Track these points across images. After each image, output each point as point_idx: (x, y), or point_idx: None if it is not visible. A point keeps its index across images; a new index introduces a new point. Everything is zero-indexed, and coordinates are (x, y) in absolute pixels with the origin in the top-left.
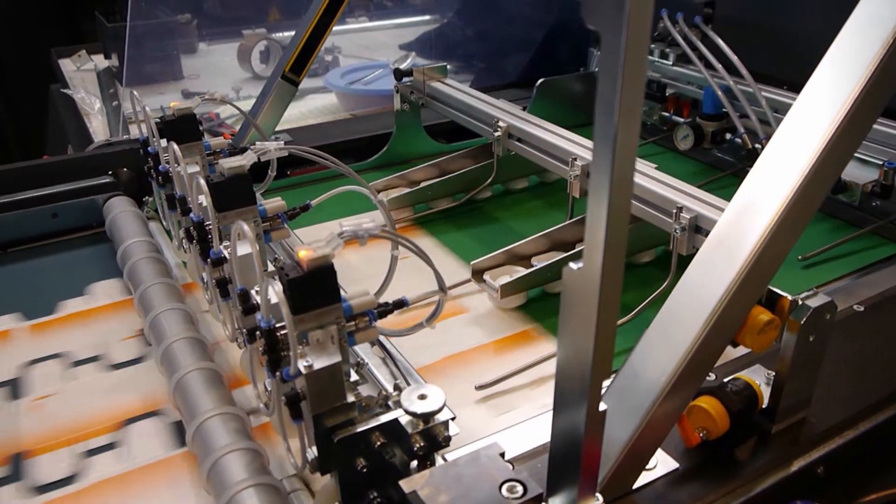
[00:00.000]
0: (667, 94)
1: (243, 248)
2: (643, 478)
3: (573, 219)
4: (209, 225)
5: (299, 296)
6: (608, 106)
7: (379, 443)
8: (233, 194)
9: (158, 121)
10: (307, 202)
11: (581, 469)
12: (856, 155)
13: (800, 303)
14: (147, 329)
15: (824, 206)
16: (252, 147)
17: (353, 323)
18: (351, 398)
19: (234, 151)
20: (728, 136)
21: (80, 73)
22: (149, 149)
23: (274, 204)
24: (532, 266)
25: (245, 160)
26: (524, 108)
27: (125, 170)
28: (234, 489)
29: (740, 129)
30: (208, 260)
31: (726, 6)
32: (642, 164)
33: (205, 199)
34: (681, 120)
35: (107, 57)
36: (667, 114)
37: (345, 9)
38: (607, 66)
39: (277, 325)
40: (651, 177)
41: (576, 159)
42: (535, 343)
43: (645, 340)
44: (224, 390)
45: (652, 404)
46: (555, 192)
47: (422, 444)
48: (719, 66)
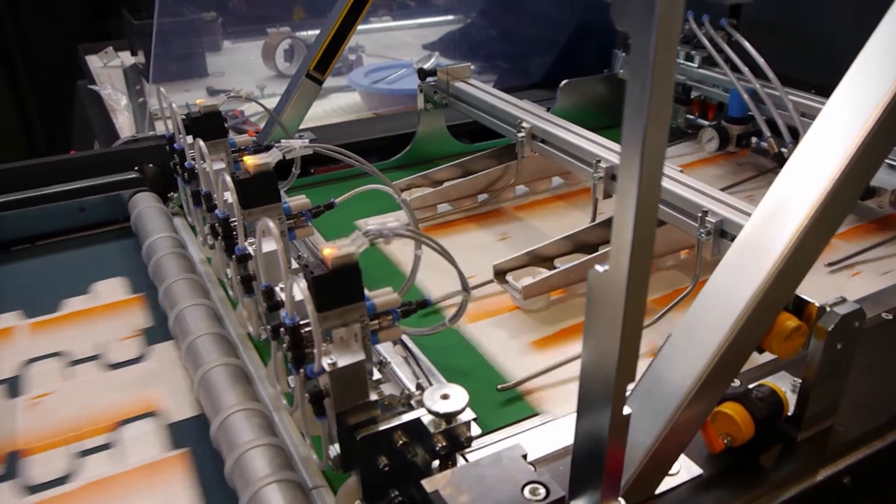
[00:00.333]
0: (692, 97)
1: (268, 245)
2: (666, 483)
3: (597, 221)
4: (234, 221)
5: (324, 293)
6: (637, 107)
7: (401, 442)
8: (258, 191)
9: (184, 117)
10: (331, 200)
11: (604, 473)
12: (886, 160)
13: (828, 310)
14: (172, 324)
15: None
16: (277, 145)
17: (376, 321)
18: (374, 396)
19: (259, 149)
20: (754, 139)
21: (107, 70)
22: (175, 145)
23: (298, 201)
24: (555, 268)
25: (270, 158)
26: (548, 110)
27: (151, 166)
28: (258, 485)
29: (766, 132)
30: (233, 256)
31: (753, 8)
32: (667, 166)
33: (231, 196)
34: (706, 123)
35: (133, 54)
36: (692, 116)
37: (368, 8)
38: (636, 67)
39: (302, 322)
40: (676, 180)
41: (600, 161)
42: (557, 345)
43: (670, 344)
44: (247, 386)
45: (676, 409)
46: (578, 193)
47: (444, 443)
48: (745, 69)
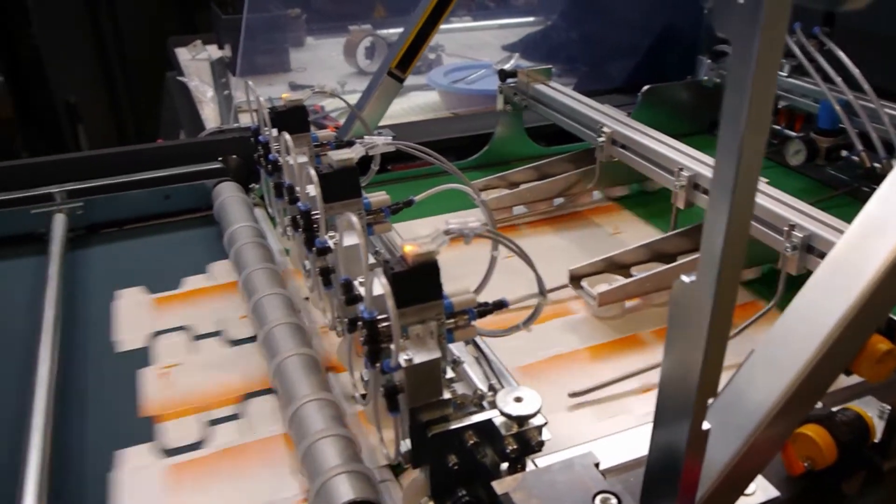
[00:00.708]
0: (779, 107)
1: (350, 239)
2: (741, 503)
3: (676, 230)
4: (316, 214)
5: (403, 290)
6: (734, 117)
7: (471, 441)
8: (340, 186)
9: (270, 111)
10: (410, 198)
11: (679, 488)
12: None
13: None
14: (250, 312)
15: None
16: (360, 141)
17: (452, 320)
18: (447, 395)
19: (341, 144)
20: (844, 153)
21: (195, 63)
22: (259, 138)
23: (378, 198)
24: (631, 276)
25: (353, 153)
26: (628, 115)
27: (234, 157)
28: (328, 474)
29: (858, 146)
30: (313, 249)
31: (849, 17)
32: None
33: (313, 190)
34: (793, 134)
35: (220, 47)
36: (778, 127)
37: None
38: (736, 75)
39: (379, 317)
40: (762, 191)
41: (682, 169)
42: (631, 354)
43: (753, 361)
44: (321, 376)
45: (756, 427)
46: (656, 201)
47: (514, 446)
48: (838, 80)
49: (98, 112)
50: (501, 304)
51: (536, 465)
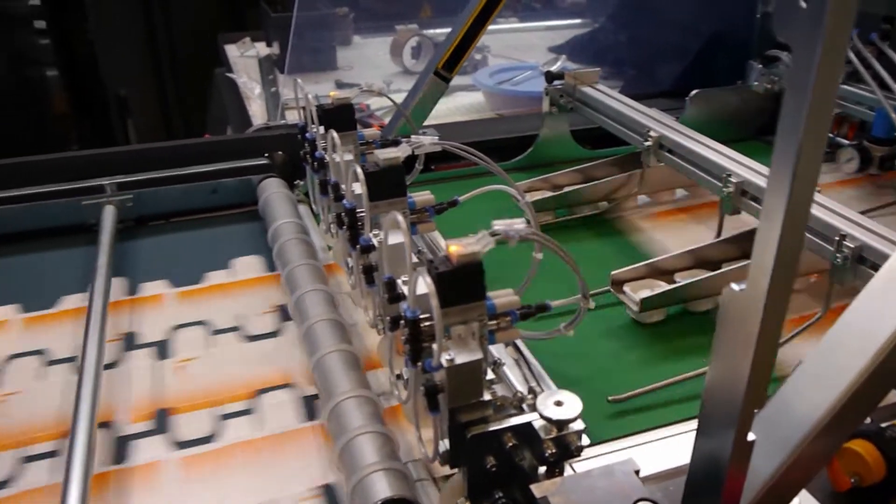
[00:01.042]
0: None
1: (395, 238)
2: None
3: (722, 237)
4: (361, 212)
5: (447, 290)
6: (793, 124)
7: (510, 444)
8: (386, 185)
9: (317, 108)
10: (454, 198)
11: (721, 499)
12: None
13: None
14: (292, 307)
15: None
16: (407, 140)
17: (495, 322)
18: (487, 396)
19: (386, 143)
20: None
21: (243, 59)
22: (306, 135)
23: (423, 197)
24: (674, 282)
25: (400, 152)
26: (675, 119)
27: (280, 153)
28: (365, 471)
29: None
30: (357, 246)
31: None
32: None
33: (359, 187)
34: (845, 142)
35: (268, 45)
36: (830, 135)
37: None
38: (796, 81)
39: (422, 317)
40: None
41: (730, 175)
42: (672, 361)
43: (800, 372)
44: (360, 373)
45: (802, 440)
46: (702, 207)
47: (553, 450)
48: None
49: (147, 106)
50: (544, 308)
51: (574, 470)
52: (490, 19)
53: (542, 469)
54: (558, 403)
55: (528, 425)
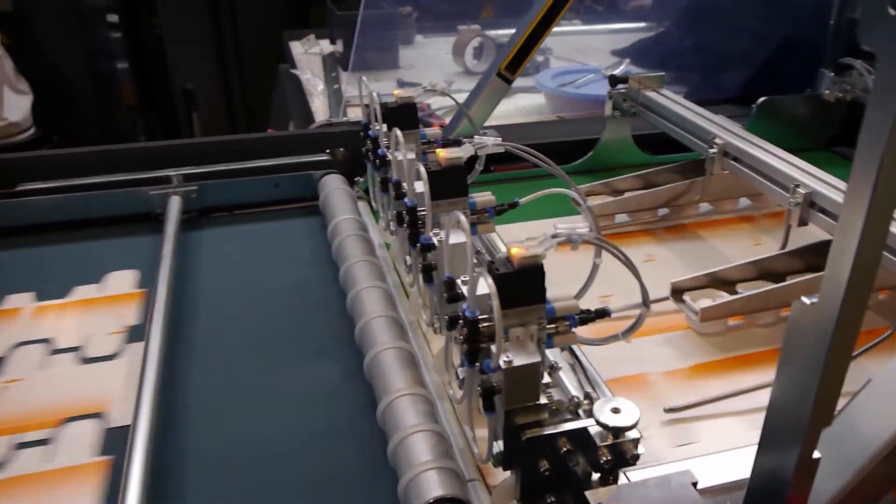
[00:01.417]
0: None
1: (456, 238)
2: None
3: (787, 249)
4: (422, 211)
5: (507, 291)
6: (875, 134)
7: (565, 448)
8: (447, 184)
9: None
10: (515, 199)
11: None
12: None
13: None
14: (349, 303)
15: None
16: (469, 140)
17: (553, 325)
18: (543, 399)
19: (447, 142)
20: None
21: (307, 56)
22: (369, 132)
23: (484, 198)
24: (736, 293)
25: (463, 152)
26: (741, 127)
27: (341, 150)
28: (419, 469)
29: None
30: (417, 245)
31: None
32: None
33: (422, 186)
34: None
35: (332, 42)
36: None
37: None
38: (882, 91)
39: (481, 317)
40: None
41: (798, 186)
42: (731, 373)
43: (869, 390)
44: (416, 371)
45: (869, 461)
46: (766, 217)
47: (608, 457)
48: None
49: (212, 100)
50: (604, 313)
51: (628, 479)
52: (555, 22)
53: (596, 476)
54: (615, 410)
55: (584, 431)
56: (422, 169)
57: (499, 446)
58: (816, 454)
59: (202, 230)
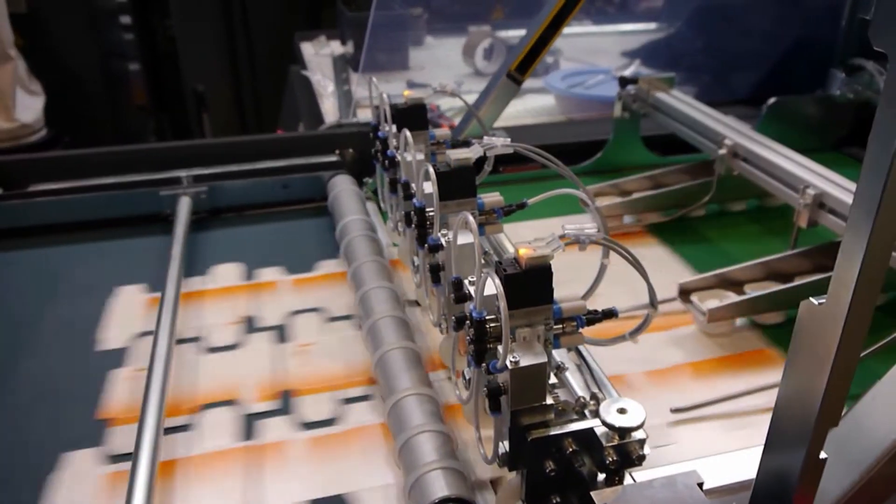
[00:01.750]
0: None
1: (464, 238)
2: None
3: (795, 249)
4: (431, 212)
5: (515, 292)
6: (886, 135)
7: (570, 449)
8: (456, 185)
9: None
10: (523, 200)
11: None
12: None
13: None
14: (357, 303)
15: None
16: (479, 141)
17: (560, 326)
18: (549, 400)
19: (457, 143)
20: None
21: (318, 57)
22: (378, 133)
23: (492, 198)
24: (744, 294)
25: (472, 153)
26: (751, 128)
27: (350, 150)
28: (424, 469)
29: None
30: (425, 245)
31: None
32: None
33: (429, 187)
34: None
35: (343, 43)
36: None
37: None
38: (893, 92)
39: (488, 318)
40: None
41: (808, 187)
42: (738, 373)
43: (876, 391)
44: (422, 371)
45: (875, 463)
46: (775, 218)
47: (614, 458)
48: None
49: (223, 101)
50: (611, 314)
51: (634, 480)
52: (565, 23)
53: (602, 476)
54: (621, 411)
55: (590, 431)
56: (430, 170)
57: (504, 447)
58: (823, 455)
59: (211, 231)
